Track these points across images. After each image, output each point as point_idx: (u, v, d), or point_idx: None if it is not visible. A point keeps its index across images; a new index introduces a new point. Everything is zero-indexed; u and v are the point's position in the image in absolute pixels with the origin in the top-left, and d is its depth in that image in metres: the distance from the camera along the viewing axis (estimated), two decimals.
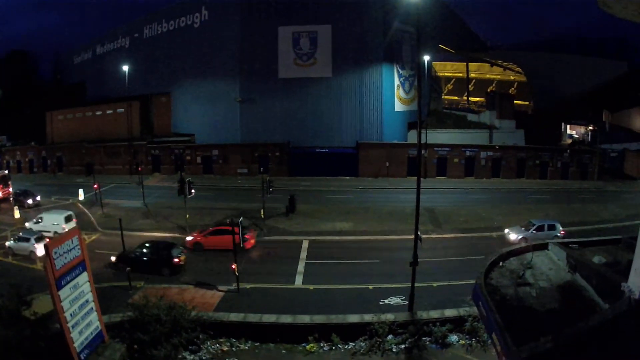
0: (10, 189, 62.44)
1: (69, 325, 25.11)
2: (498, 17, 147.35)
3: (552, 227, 44.40)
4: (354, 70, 77.10)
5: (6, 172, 68.61)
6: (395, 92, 79.58)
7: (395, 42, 78.95)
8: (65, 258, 25.23)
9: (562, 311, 18.42)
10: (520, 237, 43.53)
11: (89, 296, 27.01)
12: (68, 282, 25.34)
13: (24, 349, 24.61)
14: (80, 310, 26.08)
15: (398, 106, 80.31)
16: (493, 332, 18.16)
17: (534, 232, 43.74)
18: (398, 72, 79.99)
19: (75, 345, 25.43)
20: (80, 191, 63.13)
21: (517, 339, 16.03)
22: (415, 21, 40.95)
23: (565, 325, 16.19)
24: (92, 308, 27.13)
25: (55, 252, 24.60)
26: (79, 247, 26.38)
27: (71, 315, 25.34)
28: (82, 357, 25.83)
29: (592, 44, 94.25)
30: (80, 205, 59.03)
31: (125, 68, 71.98)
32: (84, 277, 26.67)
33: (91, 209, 57.07)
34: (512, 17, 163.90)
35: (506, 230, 45.90)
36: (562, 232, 44.20)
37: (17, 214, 54.66)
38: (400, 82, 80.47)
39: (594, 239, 26.02)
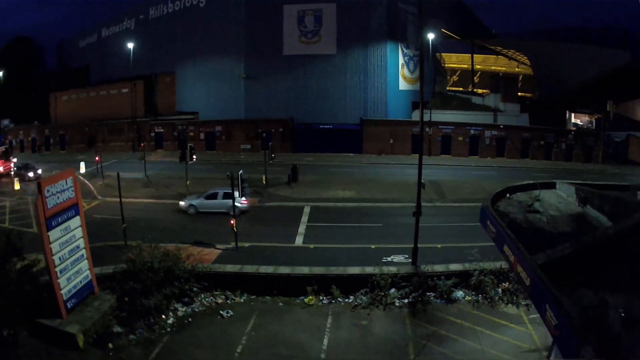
0: (12, 164, 62.09)
1: (57, 269, 24.29)
2: (503, 5, 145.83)
3: (228, 195, 40.04)
4: (359, 48, 76.69)
5: (6, 147, 68.14)
6: (399, 70, 79.08)
7: (400, 22, 78.55)
8: (58, 198, 24.46)
9: (575, 234, 17.65)
10: (189, 203, 43.07)
11: (80, 242, 26.20)
12: (59, 224, 24.52)
13: (8, 292, 23.96)
14: (69, 255, 25.27)
15: (402, 85, 79.80)
16: (505, 244, 17.40)
17: (203, 199, 43.41)
18: (403, 51, 79.47)
19: (62, 292, 24.61)
20: (82, 164, 62.84)
21: (531, 252, 15.34)
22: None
23: None
24: (82, 255, 26.31)
25: (48, 190, 23.83)
26: (73, 189, 25.64)
27: (60, 259, 24.52)
28: (69, 306, 25.02)
29: (595, 33, 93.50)
30: (82, 178, 58.53)
31: (131, 45, 71.74)
32: (76, 221, 25.88)
33: (92, 180, 56.64)
34: (517, 7, 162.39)
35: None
36: (243, 202, 41.91)
37: (17, 186, 54.48)
38: (405, 61, 79.91)
39: (603, 182, 25.34)
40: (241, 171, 36.47)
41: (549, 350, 22.32)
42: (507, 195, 23.24)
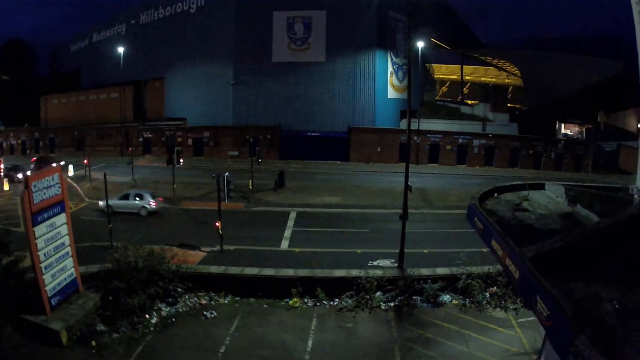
0: (2, 165, 61.83)
1: (42, 265, 24.18)
2: (493, 15, 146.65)
3: (140, 197, 44.42)
4: (348, 55, 76.81)
5: None
6: (388, 79, 79.35)
7: (389, 30, 78.88)
8: (45, 194, 24.38)
9: (565, 231, 17.58)
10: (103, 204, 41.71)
11: (66, 239, 26.07)
12: (45, 220, 24.43)
13: None
14: (55, 252, 25.15)
15: (391, 93, 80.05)
16: (492, 239, 17.30)
17: (118, 200, 43.54)
18: (392, 59, 79.80)
19: (47, 289, 24.53)
20: (70, 167, 62.42)
21: (519, 247, 15.26)
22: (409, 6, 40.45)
23: None
24: (67, 252, 26.20)
25: (35, 186, 23.74)
26: (59, 185, 25.54)
27: (45, 255, 24.41)
28: (53, 303, 24.91)
29: (588, 42, 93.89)
30: (69, 180, 58.12)
31: (121, 50, 71.75)
32: (61, 218, 25.74)
33: (80, 183, 56.48)
34: (508, 16, 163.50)
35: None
36: (152, 204, 44.02)
37: (6, 187, 54.59)
38: (394, 69, 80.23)
39: (594, 184, 25.35)
40: (227, 173, 36.43)
41: (538, 353, 22.27)
42: (495, 194, 23.15)
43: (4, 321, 23.59)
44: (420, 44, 72.78)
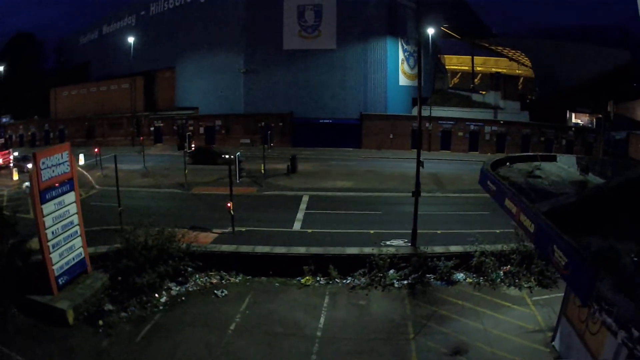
0: (11, 157, 62.06)
1: (49, 244, 23.98)
2: (503, 6, 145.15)
3: None
4: (358, 43, 76.10)
5: (5, 138, 68.16)
6: (399, 66, 78.63)
7: (400, 18, 78.17)
8: (53, 171, 24.19)
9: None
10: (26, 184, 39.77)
11: (74, 218, 25.89)
12: (53, 197, 24.26)
13: (0, 264, 23.60)
14: (63, 230, 24.97)
15: (402, 80, 79.36)
16: (506, 198, 16.99)
17: None
18: (403, 46, 79.11)
19: (54, 267, 24.31)
20: (81, 156, 62.64)
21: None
22: None
23: None
24: (76, 232, 26.03)
25: (43, 163, 23.55)
26: (68, 163, 25.32)
27: (52, 233, 24.21)
28: (60, 283, 24.71)
29: (595, 33, 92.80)
30: (80, 169, 58.18)
31: (131, 40, 71.67)
32: (70, 197, 25.55)
33: (90, 172, 56.65)
34: (517, 7, 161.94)
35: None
36: None
37: (15, 176, 54.89)
38: (405, 56, 79.56)
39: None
40: (239, 153, 36.15)
41: (553, 331, 21.94)
42: (507, 163, 22.78)
43: (9, 302, 23.38)
44: (430, 31, 72.18)
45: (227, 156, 45.46)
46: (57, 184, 24.55)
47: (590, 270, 10.31)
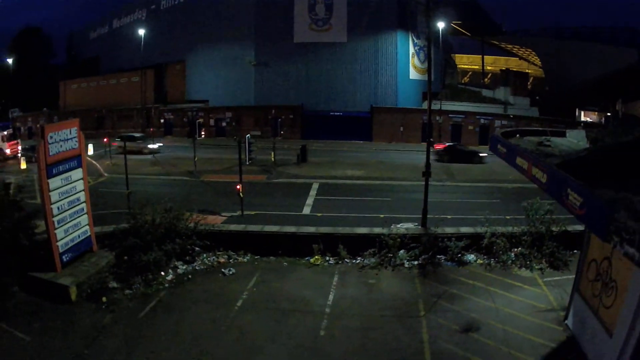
0: (19, 147, 62.17)
1: (55, 219, 23.71)
2: (513, 5, 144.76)
3: None
4: (369, 36, 75.96)
5: (13, 128, 68.44)
6: (410, 60, 78.42)
7: (410, 12, 77.99)
8: (61, 146, 24.03)
9: None
10: None
11: (81, 195, 25.68)
12: (60, 173, 24.08)
13: (2, 240, 23.39)
14: (69, 207, 24.73)
15: (413, 74, 79.13)
16: (517, 157, 16.78)
17: None
18: (413, 41, 78.89)
19: (59, 244, 24.04)
20: (90, 146, 62.35)
21: None
22: None
23: None
24: (82, 209, 25.79)
25: (51, 137, 23.35)
26: (76, 139, 25.19)
27: (58, 209, 23.96)
28: (64, 260, 24.44)
29: (604, 33, 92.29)
30: (89, 159, 58.14)
31: (142, 32, 71.90)
32: (78, 173, 25.39)
33: (99, 161, 56.45)
34: (527, 6, 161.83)
35: None
36: None
37: (23, 165, 54.80)
38: (415, 50, 79.33)
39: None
40: (248, 135, 35.92)
41: (566, 310, 21.61)
42: (517, 135, 22.55)
43: (11, 279, 23.12)
44: (440, 25, 71.92)
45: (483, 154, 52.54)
46: (64, 159, 24.33)
47: (607, 202, 10.07)
